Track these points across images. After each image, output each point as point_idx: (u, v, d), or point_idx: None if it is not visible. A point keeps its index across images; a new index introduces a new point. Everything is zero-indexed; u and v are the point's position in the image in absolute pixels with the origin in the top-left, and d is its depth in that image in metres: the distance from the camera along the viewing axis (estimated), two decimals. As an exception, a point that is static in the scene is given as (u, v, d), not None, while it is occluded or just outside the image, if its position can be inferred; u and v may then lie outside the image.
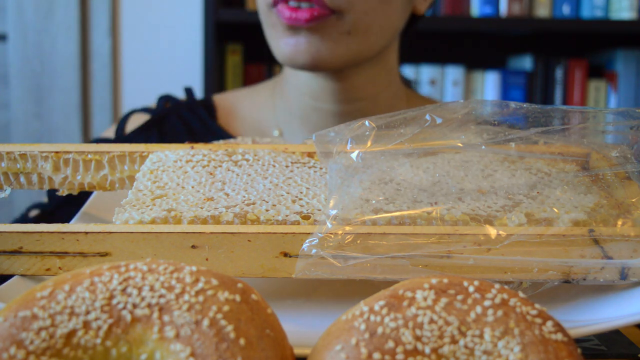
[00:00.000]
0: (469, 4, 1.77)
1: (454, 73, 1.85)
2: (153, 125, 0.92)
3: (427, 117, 0.56)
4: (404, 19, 0.85)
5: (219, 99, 0.97)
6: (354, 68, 0.84)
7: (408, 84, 1.03)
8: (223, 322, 0.34)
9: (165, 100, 0.96)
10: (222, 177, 0.55)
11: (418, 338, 0.34)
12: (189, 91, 0.98)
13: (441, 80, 1.85)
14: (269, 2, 0.77)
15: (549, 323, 0.35)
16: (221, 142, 0.65)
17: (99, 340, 0.34)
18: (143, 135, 0.91)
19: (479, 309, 0.35)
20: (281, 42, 0.78)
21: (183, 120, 0.93)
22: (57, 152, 0.59)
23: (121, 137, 0.91)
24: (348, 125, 0.56)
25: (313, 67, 0.79)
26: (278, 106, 0.92)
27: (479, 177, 0.54)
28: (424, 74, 1.85)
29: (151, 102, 0.99)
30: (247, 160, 0.58)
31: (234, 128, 0.93)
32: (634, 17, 1.73)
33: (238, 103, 0.95)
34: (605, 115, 0.58)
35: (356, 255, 0.47)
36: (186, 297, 0.35)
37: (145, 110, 0.95)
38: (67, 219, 0.59)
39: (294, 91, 0.89)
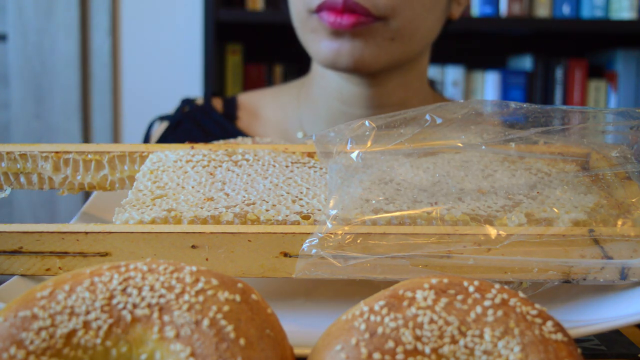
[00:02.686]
0: (469, 4, 1.77)
1: (454, 73, 1.85)
2: (169, 133, 0.94)
3: (427, 117, 0.56)
4: (442, 24, 0.86)
5: (243, 99, 0.97)
6: (388, 74, 0.84)
7: (432, 85, 1.04)
8: (223, 322, 0.34)
9: (184, 105, 0.97)
10: (222, 177, 0.55)
11: (418, 338, 0.34)
12: (206, 94, 0.99)
13: (441, 80, 1.85)
14: (311, 7, 0.77)
15: (549, 323, 0.35)
16: (221, 142, 0.65)
17: (99, 340, 0.34)
18: (163, 135, 0.93)
19: (479, 309, 0.35)
20: (322, 45, 0.78)
21: (199, 125, 0.93)
22: (57, 152, 0.59)
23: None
24: (348, 125, 0.56)
25: (354, 69, 0.79)
26: (303, 108, 0.92)
27: (479, 177, 0.54)
28: (424, 74, 1.84)
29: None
30: (247, 160, 0.58)
31: (255, 129, 0.93)
32: (634, 17, 1.73)
33: (262, 104, 0.96)
34: (605, 115, 0.58)
35: (356, 255, 0.47)
36: (186, 297, 0.35)
37: (164, 118, 0.96)
38: None
39: (323, 95, 0.89)
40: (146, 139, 0.95)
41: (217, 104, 0.97)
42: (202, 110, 0.95)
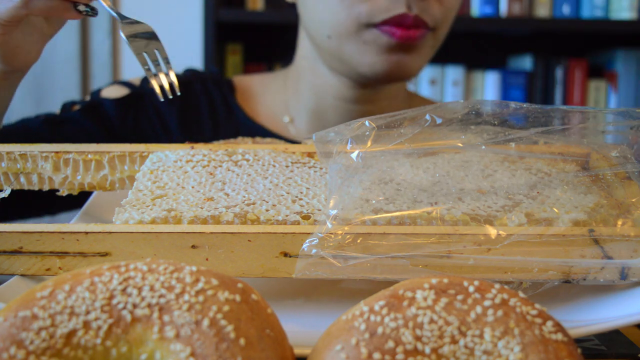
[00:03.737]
0: (469, 4, 1.77)
1: (454, 73, 1.85)
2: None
3: (427, 117, 0.56)
4: None
5: (238, 79, 1.00)
6: None
7: None
8: (223, 322, 0.34)
9: (191, 72, 0.99)
10: (222, 177, 0.55)
11: (418, 338, 0.34)
12: (214, 69, 1.02)
13: (441, 80, 1.85)
14: (371, 21, 0.79)
15: (549, 323, 0.35)
16: (221, 142, 0.65)
17: (99, 340, 0.34)
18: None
19: (479, 309, 0.35)
20: (381, 59, 0.81)
21: (207, 91, 0.96)
22: (57, 152, 0.59)
23: (145, 87, 0.94)
24: (348, 125, 0.56)
25: (403, 79, 0.84)
26: (290, 99, 0.94)
27: (479, 177, 0.54)
28: (424, 74, 1.85)
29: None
30: (247, 160, 0.58)
31: (250, 107, 0.96)
32: (634, 17, 1.73)
33: (254, 86, 0.99)
34: (605, 115, 0.58)
35: (356, 255, 0.47)
36: (186, 297, 0.35)
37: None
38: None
39: (312, 90, 0.91)
40: (145, 82, 0.95)
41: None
42: (212, 79, 0.97)
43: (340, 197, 0.50)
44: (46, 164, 0.59)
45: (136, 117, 0.92)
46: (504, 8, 1.77)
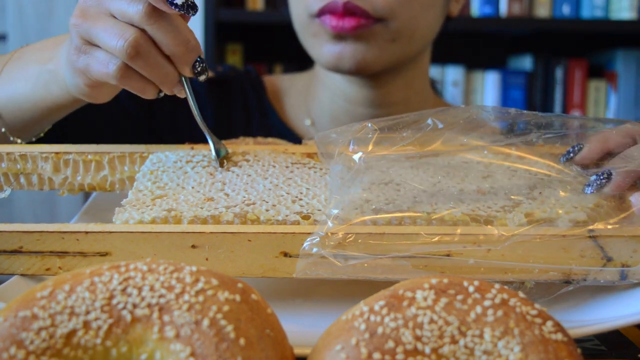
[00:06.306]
0: (469, 4, 1.77)
1: (454, 73, 1.85)
2: (216, 84, 0.95)
3: (429, 121, 0.56)
4: (441, 22, 0.87)
5: (267, 80, 1.00)
6: (391, 74, 0.86)
7: (433, 85, 1.05)
8: (223, 322, 0.34)
9: (231, 69, 0.99)
10: (222, 177, 0.55)
11: (418, 338, 0.34)
12: (252, 69, 1.01)
13: (441, 80, 1.85)
14: (313, 12, 0.79)
15: (549, 323, 0.35)
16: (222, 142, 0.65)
17: (99, 340, 0.34)
18: (205, 84, 0.92)
19: (479, 309, 0.35)
20: (325, 49, 0.80)
21: (242, 91, 0.96)
22: (57, 153, 0.59)
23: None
24: (350, 127, 0.56)
25: (357, 72, 0.81)
26: (310, 101, 0.94)
27: (479, 177, 0.54)
28: (424, 74, 1.84)
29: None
30: (248, 160, 0.58)
31: (279, 107, 0.96)
32: (634, 17, 1.73)
33: (282, 86, 0.99)
34: (605, 125, 0.58)
35: (356, 255, 0.47)
36: (186, 297, 0.35)
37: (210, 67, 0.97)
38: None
39: (328, 93, 0.90)
40: None
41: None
42: (250, 81, 0.97)
43: (341, 197, 0.51)
44: (46, 165, 0.59)
45: (174, 104, 0.91)
46: (504, 8, 1.77)
